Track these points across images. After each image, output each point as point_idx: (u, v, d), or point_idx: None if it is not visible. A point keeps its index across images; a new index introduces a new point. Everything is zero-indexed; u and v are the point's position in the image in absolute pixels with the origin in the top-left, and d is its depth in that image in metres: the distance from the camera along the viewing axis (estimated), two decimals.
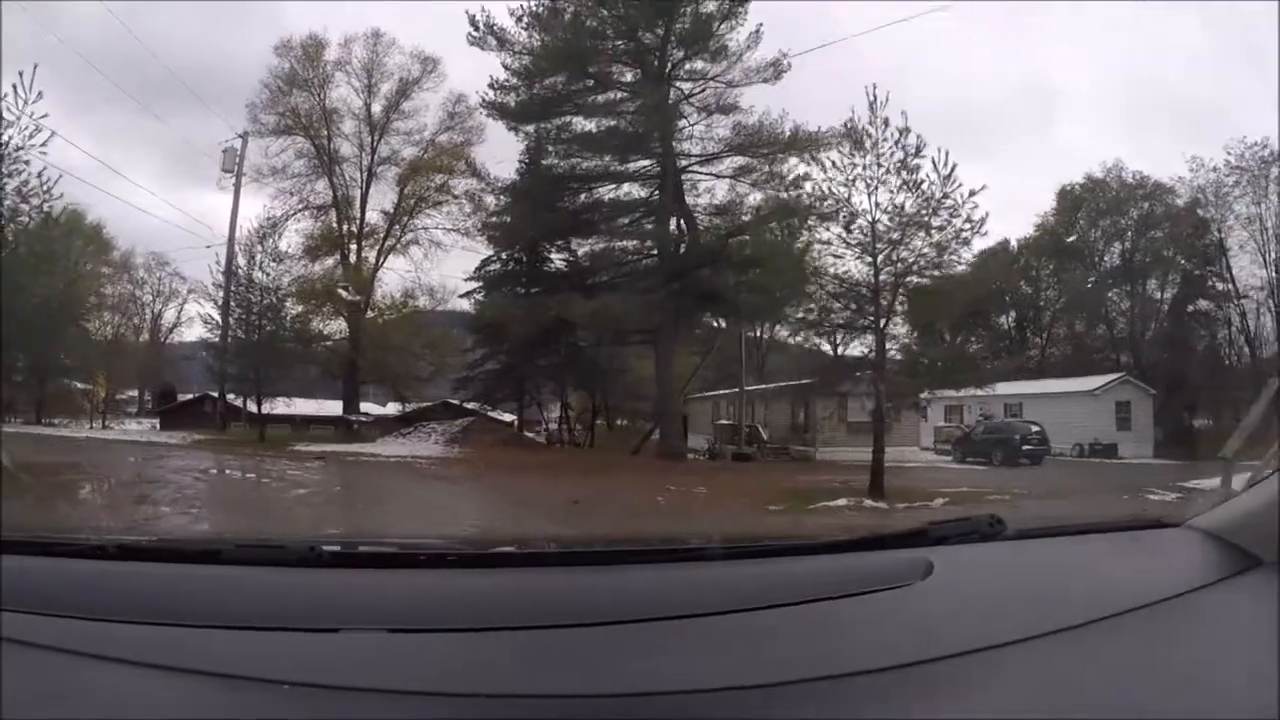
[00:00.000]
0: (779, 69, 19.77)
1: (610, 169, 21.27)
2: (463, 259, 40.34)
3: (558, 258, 23.70)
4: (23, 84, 11.83)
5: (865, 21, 45.46)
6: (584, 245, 23.03)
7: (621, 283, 21.23)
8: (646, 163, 21.05)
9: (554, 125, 21.33)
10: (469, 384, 24.96)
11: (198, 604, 1.01)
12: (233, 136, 24.82)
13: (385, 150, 25.44)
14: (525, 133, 21.76)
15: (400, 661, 0.91)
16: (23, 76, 11.90)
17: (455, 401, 25.34)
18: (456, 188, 25.04)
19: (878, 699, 0.89)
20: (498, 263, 24.20)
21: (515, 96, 20.94)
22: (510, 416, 26.63)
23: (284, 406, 21.99)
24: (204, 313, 23.55)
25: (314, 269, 24.78)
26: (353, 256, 25.38)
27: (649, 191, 21.49)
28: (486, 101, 21.18)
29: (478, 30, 20.03)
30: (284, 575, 1.13)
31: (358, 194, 25.47)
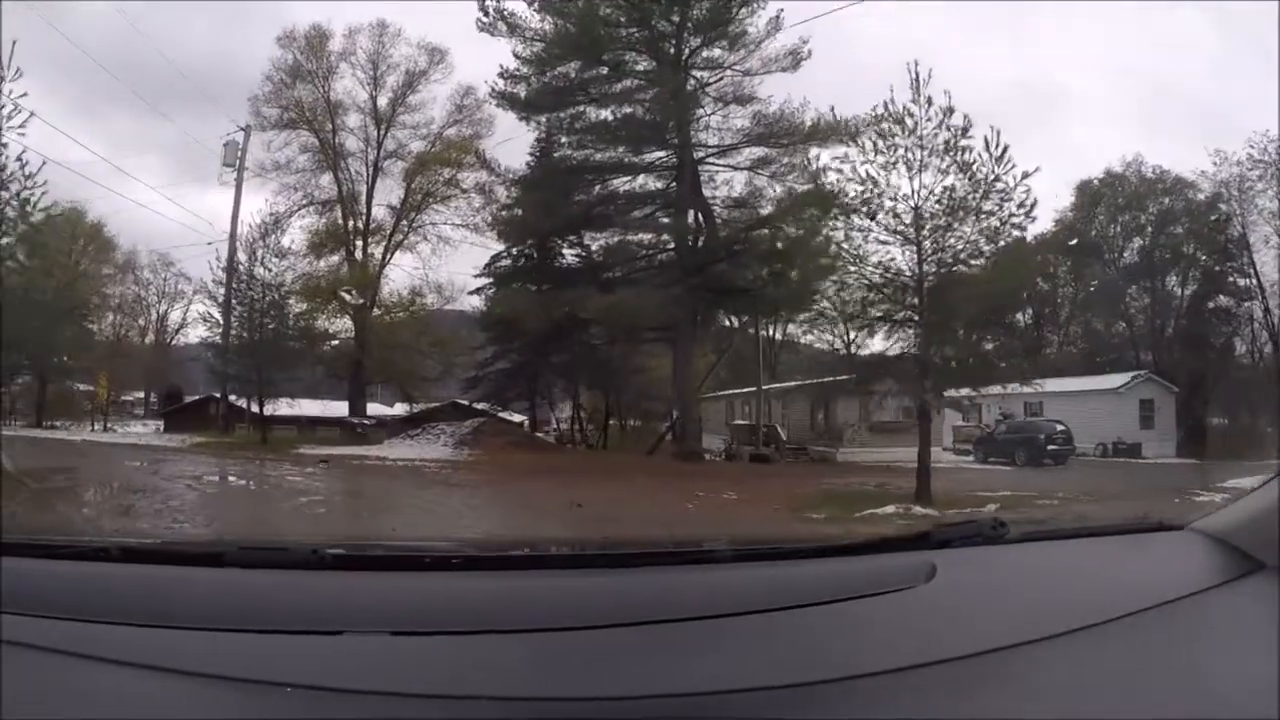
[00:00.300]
0: (798, 57, 19.10)
1: (625, 160, 20.66)
2: (471, 255, 39.98)
3: (570, 252, 22.96)
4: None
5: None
6: (598, 239, 22.40)
7: (637, 277, 20.72)
8: (662, 154, 20.44)
9: (566, 115, 20.63)
10: (478, 384, 24.24)
11: (200, 607, 1.00)
12: (234, 130, 24.27)
13: (391, 144, 24.99)
14: (537, 123, 21.15)
15: (404, 664, 0.91)
16: None
17: (464, 402, 24.56)
18: (465, 181, 24.49)
19: (882, 701, 0.88)
20: (508, 258, 23.40)
21: (526, 86, 20.29)
22: (520, 417, 25.92)
23: (288, 408, 21.45)
24: (205, 311, 23.00)
25: (318, 266, 24.30)
26: (358, 253, 24.85)
27: (665, 183, 20.81)
28: (496, 91, 20.55)
29: (488, 16, 19.39)
30: (287, 578, 1.11)
31: (363, 189, 25.00)
